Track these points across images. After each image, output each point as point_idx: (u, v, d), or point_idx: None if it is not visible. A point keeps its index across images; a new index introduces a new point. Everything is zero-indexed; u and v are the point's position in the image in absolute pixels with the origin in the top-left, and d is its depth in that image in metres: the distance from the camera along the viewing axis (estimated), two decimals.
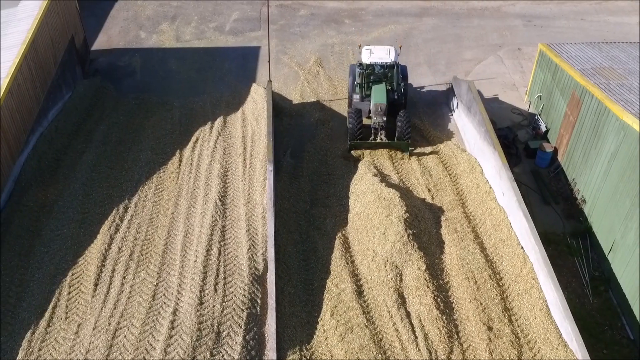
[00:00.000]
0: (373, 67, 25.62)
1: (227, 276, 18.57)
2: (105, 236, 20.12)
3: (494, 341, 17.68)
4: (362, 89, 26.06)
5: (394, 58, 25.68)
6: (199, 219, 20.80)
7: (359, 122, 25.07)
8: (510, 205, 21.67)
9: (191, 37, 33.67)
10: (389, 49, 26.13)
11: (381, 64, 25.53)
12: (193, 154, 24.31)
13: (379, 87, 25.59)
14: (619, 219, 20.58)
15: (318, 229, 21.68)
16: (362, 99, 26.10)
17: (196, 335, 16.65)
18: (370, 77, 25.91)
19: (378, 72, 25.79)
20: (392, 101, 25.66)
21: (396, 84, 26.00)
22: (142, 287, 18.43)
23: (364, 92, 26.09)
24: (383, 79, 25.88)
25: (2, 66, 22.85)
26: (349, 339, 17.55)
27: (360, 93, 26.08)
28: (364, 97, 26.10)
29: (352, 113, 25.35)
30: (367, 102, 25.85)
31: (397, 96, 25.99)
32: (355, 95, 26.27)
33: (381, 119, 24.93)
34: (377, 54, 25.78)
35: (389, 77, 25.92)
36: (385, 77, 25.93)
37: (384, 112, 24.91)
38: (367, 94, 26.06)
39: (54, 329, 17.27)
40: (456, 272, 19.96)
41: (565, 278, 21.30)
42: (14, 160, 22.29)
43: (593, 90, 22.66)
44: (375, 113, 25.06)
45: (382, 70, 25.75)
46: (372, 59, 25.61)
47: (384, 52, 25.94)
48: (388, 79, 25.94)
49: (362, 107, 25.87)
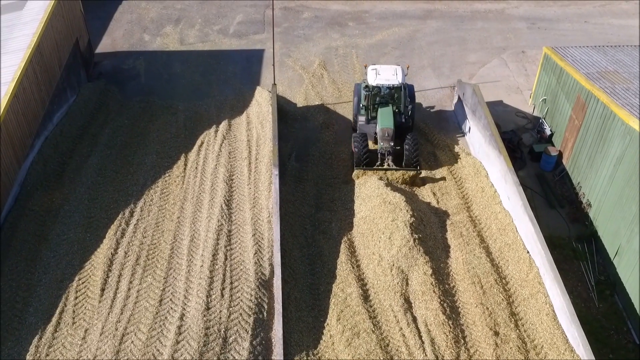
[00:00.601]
0: (379, 88, 24.61)
1: (234, 281, 18.59)
2: (111, 240, 20.14)
3: (500, 346, 17.68)
4: (367, 111, 25.10)
5: (401, 79, 24.57)
6: (205, 223, 20.81)
7: (364, 146, 24.08)
8: (515, 209, 21.66)
9: (195, 40, 33.68)
10: (396, 69, 25.01)
11: (388, 85, 24.47)
12: (198, 157, 24.32)
13: (385, 110, 24.62)
14: (625, 223, 20.57)
15: (323, 233, 21.69)
16: (367, 121, 25.16)
17: (203, 341, 16.67)
18: (377, 99, 24.94)
19: (385, 93, 24.79)
20: (400, 124, 24.77)
21: (403, 106, 24.95)
22: (148, 292, 18.45)
23: (370, 114, 25.12)
24: (390, 101, 24.96)
25: (7, 70, 22.87)
26: (356, 344, 17.56)
27: (366, 115, 25.13)
28: (370, 119, 25.14)
29: (357, 137, 24.33)
30: (373, 125, 24.99)
31: (405, 119, 25.01)
32: (360, 118, 25.30)
33: (388, 144, 23.81)
34: (383, 75, 24.70)
35: (396, 99, 24.93)
36: (392, 98, 24.95)
37: (392, 137, 23.90)
38: (373, 116, 25.09)
39: (61, 334, 17.30)
40: (462, 277, 19.96)
41: (571, 282, 21.30)
42: (19, 164, 22.31)
43: (598, 94, 22.65)
44: (382, 138, 24.00)
45: (388, 92, 24.75)
46: (378, 80, 24.50)
47: (391, 72, 24.82)
48: (395, 101, 24.98)
49: (367, 131, 25.07)
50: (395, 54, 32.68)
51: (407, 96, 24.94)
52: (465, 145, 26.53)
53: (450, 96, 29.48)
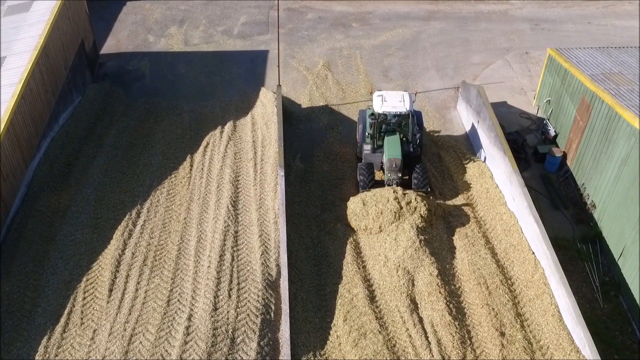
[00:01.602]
0: (386, 116, 23.49)
1: (241, 282, 18.68)
2: (118, 241, 20.23)
3: (506, 347, 17.76)
4: (374, 139, 23.77)
5: (408, 106, 23.23)
6: (211, 224, 20.90)
7: (370, 177, 22.95)
8: (520, 210, 21.74)
9: (199, 41, 33.77)
10: (403, 95, 23.67)
11: (395, 113, 23.28)
12: (204, 158, 24.41)
13: (392, 139, 23.39)
14: (630, 224, 20.65)
15: (329, 233, 21.78)
16: (373, 150, 23.88)
17: (211, 341, 16.76)
18: (383, 127, 23.80)
19: (391, 121, 23.69)
20: (407, 153, 23.51)
21: (411, 135, 23.66)
22: (156, 293, 18.54)
23: (376, 143, 23.85)
24: (397, 129, 23.79)
25: (14, 71, 22.97)
26: (363, 345, 17.65)
27: (372, 144, 23.81)
28: (376, 148, 23.88)
29: (363, 167, 23.20)
30: (379, 155, 23.80)
31: (413, 148, 23.76)
32: (366, 147, 24.05)
33: (396, 175, 22.73)
34: (390, 102, 23.38)
35: (403, 126, 23.74)
36: (399, 126, 23.78)
37: (399, 167, 22.74)
38: (379, 145, 23.86)
39: (69, 334, 17.39)
40: (468, 278, 20.05)
41: (576, 283, 21.39)
42: (26, 165, 22.40)
43: (603, 96, 22.73)
44: (389, 169, 22.85)
45: (395, 120, 23.64)
46: (385, 107, 23.23)
47: (398, 99, 23.49)
48: (402, 129, 23.78)
49: (373, 160, 23.85)
50: (399, 54, 32.76)
51: (415, 124, 23.68)
52: (469, 146, 26.61)
53: (454, 97, 29.56)
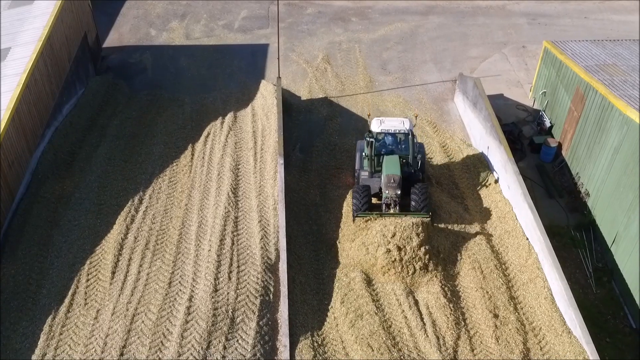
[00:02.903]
0: (384, 135, 22.52)
1: (241, 265, 19.13)
2: (121, 226, 20.70)
3: (500, 328, 18.18)
4: (371, 162, 22.31)
5: (408, 127, 22.23)
6: (212, 210, 21.35)
7: (364, 198, 21.33)
8: (515, 197, 22.17)
9: (201, 35, 34.23)
10: (403, 120, 22.50)
11: (394, 132, 22.30)
12: (205, 147, 24.86)
13: (391, 158, 22.12)
14: (622, 211, 21.06)
15: (328, 220, 22.20)
16: (371, 174, 22.39)
17: (212, 321, 17.20)
18: (382, 149, 22.64)
19: (390, 142, 22.68)
20: (408, 175, 21.98)
21: (412, 156, 22.34)
22: (158, 275, 19.00)
23: (374, 166, 22.44)
24: (396, 151, 22.68)
25: (19, 62, 23.44)
26: (359, 325, 18.08)
27: (370, 167, 22.35)
28: (374, 172, 22.43)
29: (359, 189, 21.61)
30: (377, 179, 22.16)
31: (414, 171, 22.40)
32: (363, 172, 22.60)
33: (394, 192, 21.10)
34: (389, 123, 22.40)
35: (403, 149, 22.63)
36: (399, 148, 22.73)
37: (398, 184, 21.15)
38: (377, 169, 22.43)
39: (73, 314, 17.86)
40: (462, 262, 20.46)
41: (569, 269, 21.79)
42: (31, 153, 22.87)
43: (597, 86, 23.15)
44: (387, 185, 21.24)
45: (394, 141, 22.65)
46: (383, 126, 22.21)
47: (397, 122, 22.49)
48: (402, 151, 22.67)
49: (371, 184, 22.10)
50: (398, 48, 33.20)
51: (415, 144, 22.51)
52: (466, 136, 27.04)
53: (451, 89, 29.98)
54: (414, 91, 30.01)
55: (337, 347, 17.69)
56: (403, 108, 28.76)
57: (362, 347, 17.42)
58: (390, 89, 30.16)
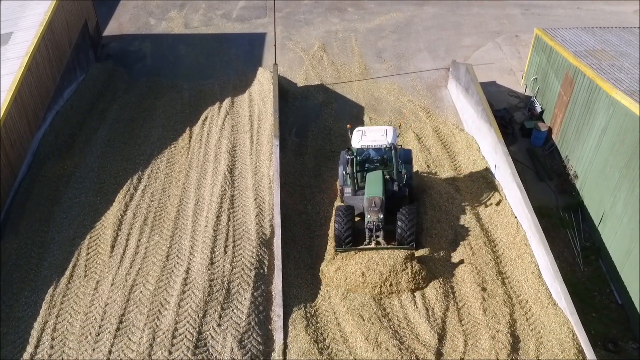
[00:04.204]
0: (365, 152, 21.07)
1: (236, 240, 19.69)
2: (120, 203, 21.28)
3: (487, 300, 18.72)
4: (354, 180, 20.86)
5: (391, 139, 20.52)
6: (209, 189, 21.92)
7: (347, 223, 19.75)
8: (505, 178, 22.72)
9: (199, 24, 34.80)
10: (386, 129, 20.97)
11: (375, 147, 20.68)
12: (202, 130, 25.43)
13: (373, 176, 20.73)
14: (609, 190, 21.63)
15: (322, 200, 22.75)
16: (354, 192, 20.95)
17: (207, 291, 17.78)
18: (365, 164, 21.36)
19: (373, 155, 21.28)
20: (392, 194, 20.64)
21: (396, 172, 20.76)
22: (156, 249, 19.57)
23: (357, 184, 21.02)
24: (380, 166, 21.33)
25: (21, 45, 24.00)
26: (351, 298, 18.63)
27: (352, 185, 20.92)
28: (357, 189, 20.98)
29: (341, 211, 20.14)
30: (362, 196, 20.64)
31: (399, 187, 20.84)
32: (346, 189, 21.27)
33: (376, 217, 19.65)
34: (370, 136, 20.74)
35: (388, 163, 21.19)
36: (383, 163, 21.34)
37: (380, 207, 19.69)
38: (361, 184, 21.06)
39: (74, 285, 18.43)
40: (452, 240, 20.99)
41: (558, 249, 22.32)
42: (32, 134, 23.43)
43: (585, 70, 23.70)
44: (368, 209, 19.78)
45: (376, 155, 21.29)
46: (363, 142, 20.53)
47: (379, 133, 20.85)
48: (386, 166, 21.27)
49: (355, 203, 20.71)
50: (393, 37, 33.76)
51: (398, 159, 20.93)
52: (459, 121, 27.60)
53: (445, 77, 30.52)
54: (408, 78, 30.56)
55: (330, 317, 18.24)
56: (397, 95, 29.28)
57: (353, 317, 17.98)
58: (385, 77, 30.71)
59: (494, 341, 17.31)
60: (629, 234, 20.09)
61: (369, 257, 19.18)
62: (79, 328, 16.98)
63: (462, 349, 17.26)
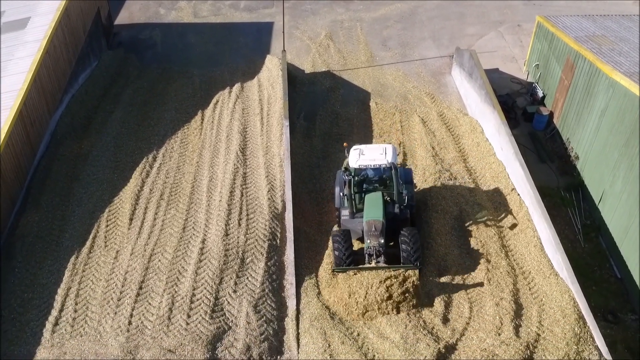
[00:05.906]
0: (363, 171, 20.01)
1: (250, 213, 20.47)
2: (137, 180, 22.09)
3: (491, 271, 19.46)
4: (351, 202, 19.72)
5: (390, 158, 19.43)
6: (222, 167, 22.70)
7: (347, 248, 18.60)
8: (508, 158, 23.48)
9: (208, 14, 35.58)
10: (385, 147, 19.88)
11: (374, 166, 19.57)
12: (214, 113, 26.21)
13: (373, 198, 19.65)
14: (608, 169, 22.36)
15: (329, 179, 23.50)
16: (352, 214, 19.78)
17: (223, 260, 18.56)
18: (363, 185, 20.30)
19: (372, 175, 20.24)
20: (393, 216, 19.46)
21: (396, 193, 19.61)
22: (172, 222, 20.37)
23: (355, 206, 19.87)
24: (379, 187, 20.25)
25: (39, 29, 24.77)
26: None
27: (350, 207, 19.76)
28: (355, 212, 19.83)
29: (338, 236, 18.87)
30: (360, 219, 19.50)
31: (400, 209, 19.68)
32: (344, 211, 20.04)
33: (377, 241, 18.54)
34: (368, 155, 19.62)
35: (388, 184, 20.13)
36: (383, 183, 20.30)
37: (380, 231, 18.63)
38: (359, 207, 19.91)
39: (95, 254, 19.23)
40: (457, 216, 21.73)
41: (559, 226, 22.95)
42: (50, 115, 24.20)
43: (586, 54, 24.44)
44: (368, 234, 18.72)
45: (375, 175, 20.25)
46: (361, 161, 19.42)
47: (378, 151, 19.75)
48: (386, 187, 20.23)
49: (352, 227, 19.64)
50: (398, 26, 34.52)
51: (399, 179, 19.73)
52: (463, 106, 28.34)
53: (449, 64, 31.27)
54: (412, 65, 31.33)
55: None
56: (403, 81, 30.03)
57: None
58: (390, 64, 31.47)
59: (498, 307, 18.05)
60: (627, 211, 20.81)
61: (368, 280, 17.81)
62: (101, 294, 17.77)
63: (468, 314, 18.00)
